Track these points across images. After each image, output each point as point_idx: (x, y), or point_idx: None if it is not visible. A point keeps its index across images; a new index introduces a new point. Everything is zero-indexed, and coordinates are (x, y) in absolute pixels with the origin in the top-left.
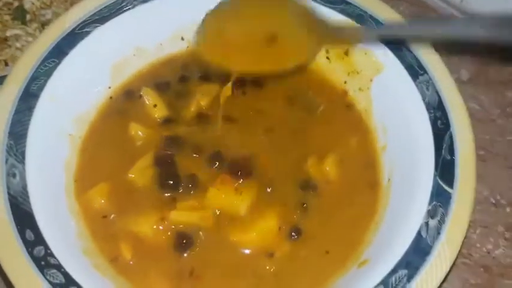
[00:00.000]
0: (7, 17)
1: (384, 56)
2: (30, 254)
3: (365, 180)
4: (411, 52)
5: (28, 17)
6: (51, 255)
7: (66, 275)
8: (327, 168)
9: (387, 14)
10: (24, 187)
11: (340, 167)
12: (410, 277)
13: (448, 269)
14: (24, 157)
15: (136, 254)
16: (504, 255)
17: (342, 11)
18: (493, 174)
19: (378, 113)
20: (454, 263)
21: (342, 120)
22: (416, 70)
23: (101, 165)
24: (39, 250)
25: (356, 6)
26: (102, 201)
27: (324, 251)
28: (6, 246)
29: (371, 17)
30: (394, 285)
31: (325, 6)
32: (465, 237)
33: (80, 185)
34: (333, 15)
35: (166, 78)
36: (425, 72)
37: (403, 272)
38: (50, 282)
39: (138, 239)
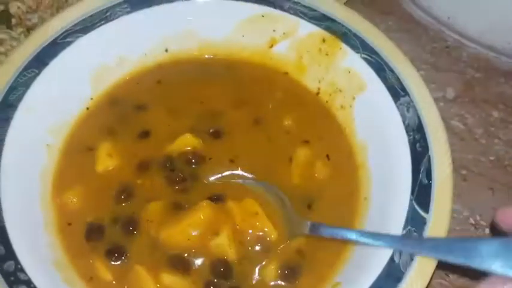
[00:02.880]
0: None
1: (367, 75)
2: (0, 268)
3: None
4: (394, 73)
5: (13, 21)
6: (21, 270)
7: None
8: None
9: (372, 33)
10: None
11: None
12: None
13: None
14: (0, 169)
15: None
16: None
17: (326, 28)
18: (474, 195)
19: (359, 131)
20: (430, 283)
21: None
22: (398, 91)
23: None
24: (9, 265)
25: (341, 24)
26: (74, 200)
27: None
28: None
29: (355, 35)
30: None
31: (310, 22)
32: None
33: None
34: (318, 32)
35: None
36: (407, 94)
37: None
38: None
39: None
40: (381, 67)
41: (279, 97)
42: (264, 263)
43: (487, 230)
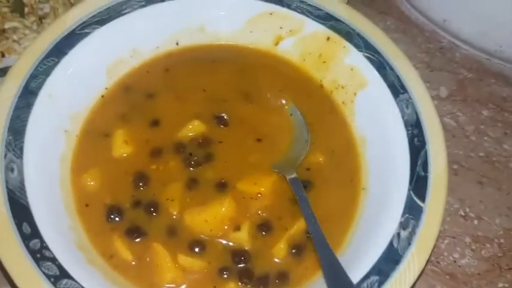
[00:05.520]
0: (5, 10)
1: (369, 72)
2: (27, 246)
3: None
4: (394, 71)
5: (26, 10)
6: (47, 248)
7: (60, 267)
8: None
9: (374, 33)
10: (22, 181)
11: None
12: (381, 283)
13: (416, 277)
14: (22, 152)
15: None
16: (469, 265)
17: (331, 27)
18: (464, 188)
19: (359, 125)
20: (422, 270)
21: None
22: (397, 88)
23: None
24: (35, 243)
25: (345, 23)
26: (92, 183)
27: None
28: (4, 238)
29: (358, 34)
30: None
31: (316, 21)
32: (434, 247)
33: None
34: (323, 31)
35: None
36: (406, 91)
37: (374, 278)
38: (45, 274)
39: None
40: (382, 65)
41: (283, 88)
42: (274, 243)
43: (476, 222)
